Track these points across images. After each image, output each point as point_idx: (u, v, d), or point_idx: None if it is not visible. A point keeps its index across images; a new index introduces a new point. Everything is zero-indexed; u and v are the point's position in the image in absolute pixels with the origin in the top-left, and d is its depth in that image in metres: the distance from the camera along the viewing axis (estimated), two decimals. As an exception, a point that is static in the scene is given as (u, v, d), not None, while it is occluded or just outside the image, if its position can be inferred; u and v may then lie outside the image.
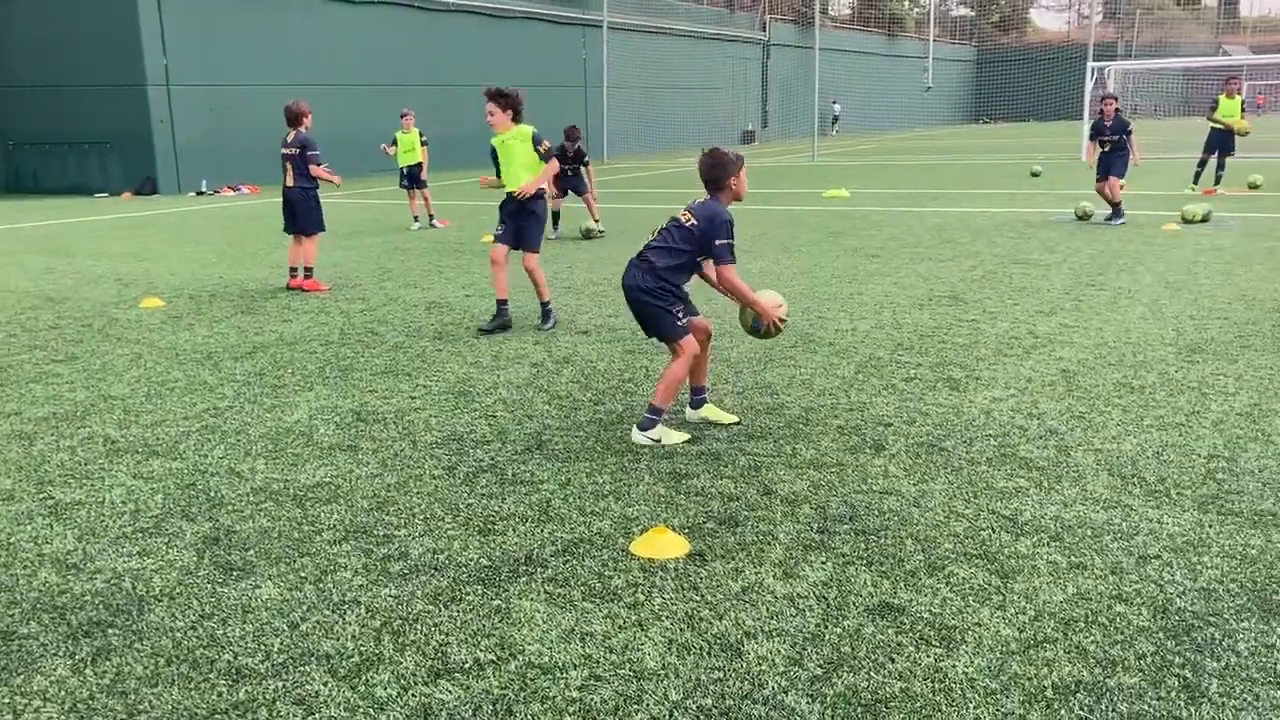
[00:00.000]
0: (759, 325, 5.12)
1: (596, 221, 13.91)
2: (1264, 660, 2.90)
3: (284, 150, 9.87)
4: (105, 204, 22.60)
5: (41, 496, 4.46)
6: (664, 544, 3.74)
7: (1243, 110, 17.58)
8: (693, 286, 5.18)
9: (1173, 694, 2.75)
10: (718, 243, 4.83)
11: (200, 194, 24.26)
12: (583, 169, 14.02)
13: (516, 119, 7.67)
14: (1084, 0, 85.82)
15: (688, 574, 3.56)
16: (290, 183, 9.89)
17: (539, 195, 7.71)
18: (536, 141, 7.65)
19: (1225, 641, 3.00)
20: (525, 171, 7.66)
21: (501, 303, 7.82)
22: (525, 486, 4.45)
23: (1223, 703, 2.70)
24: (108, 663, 3.06)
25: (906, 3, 74.70)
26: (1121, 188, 13.33)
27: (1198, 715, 2.65)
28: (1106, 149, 13.16)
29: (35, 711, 2.83)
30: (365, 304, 9.03)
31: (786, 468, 4.55)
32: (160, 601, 3.45)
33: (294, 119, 9.86)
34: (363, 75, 29.55)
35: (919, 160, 30.78)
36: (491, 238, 8.11)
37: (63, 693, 2.91)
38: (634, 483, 4.44)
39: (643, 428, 4.94)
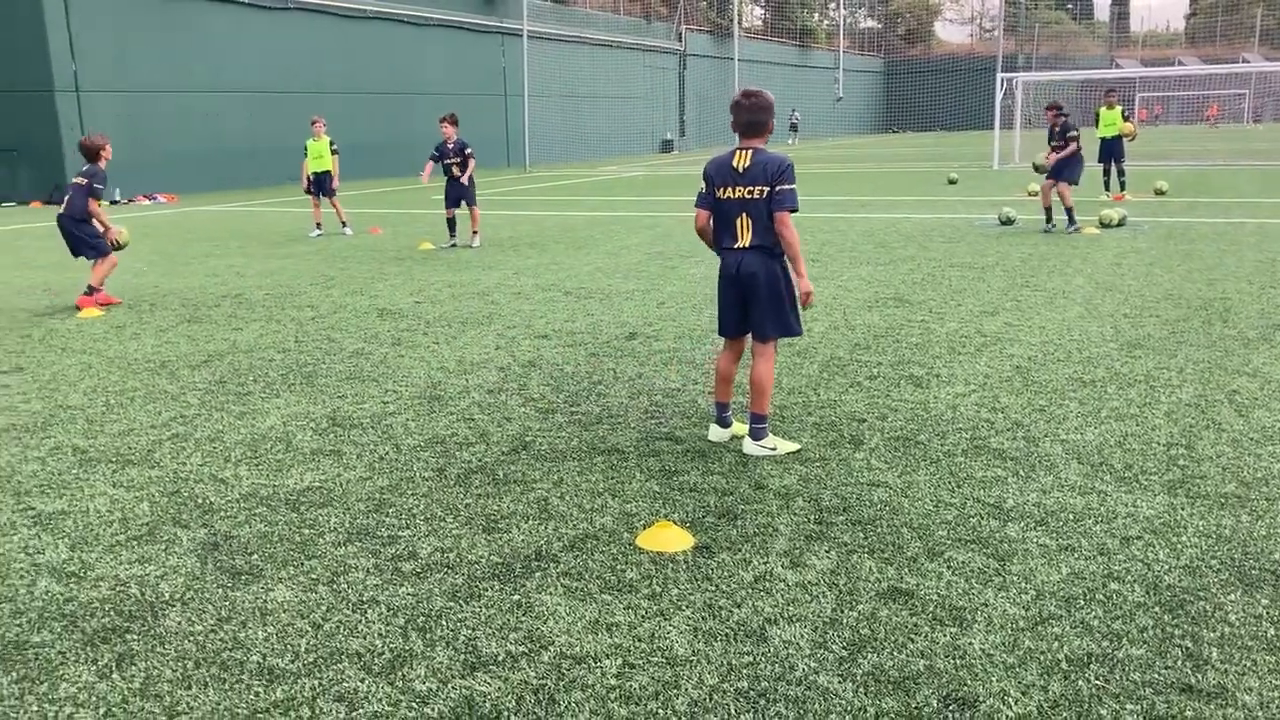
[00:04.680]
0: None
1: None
2: (1254, 629, 3.11)
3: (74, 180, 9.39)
4: (15, 213, 21.79)
5: (21, 507, 4.34)
6: (669, 538, 3.83)
7: (1125, 117, 18.37)
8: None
9: (1178, 663, 2.93)
10: (784, 187, 4.58)
11: (115, 203, 23.53)
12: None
13: None
14: (985, 15, 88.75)
15: (698, 565, 3.65)
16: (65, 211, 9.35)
17: None
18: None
19: (1217, 614, 3.21)
20: None
21: None
22: (519, 486, 4.49)
23: (1225, 669, 2.90)
24: (134, 667, 3.03)
25: (817, 15, 76.22)
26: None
27: (1205, 681, 2.84)
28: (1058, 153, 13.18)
29: (69, 717, 2.78)
30: (315, 311, 8.92)
31: (773, 463, 4.68)
32: (173, 606, 3.41)
33: (91, 153, 9.30)
34: (280, 82, 29.03)
35: (837, 169, 31.45)
36: (430, 245, 8.06)
37: (94, 698, 2.87)
38: (626, 480, 4.52)
39: (755, 438, 4.77)
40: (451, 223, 13.58)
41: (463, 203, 13.43)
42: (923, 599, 3.35)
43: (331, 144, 15.44)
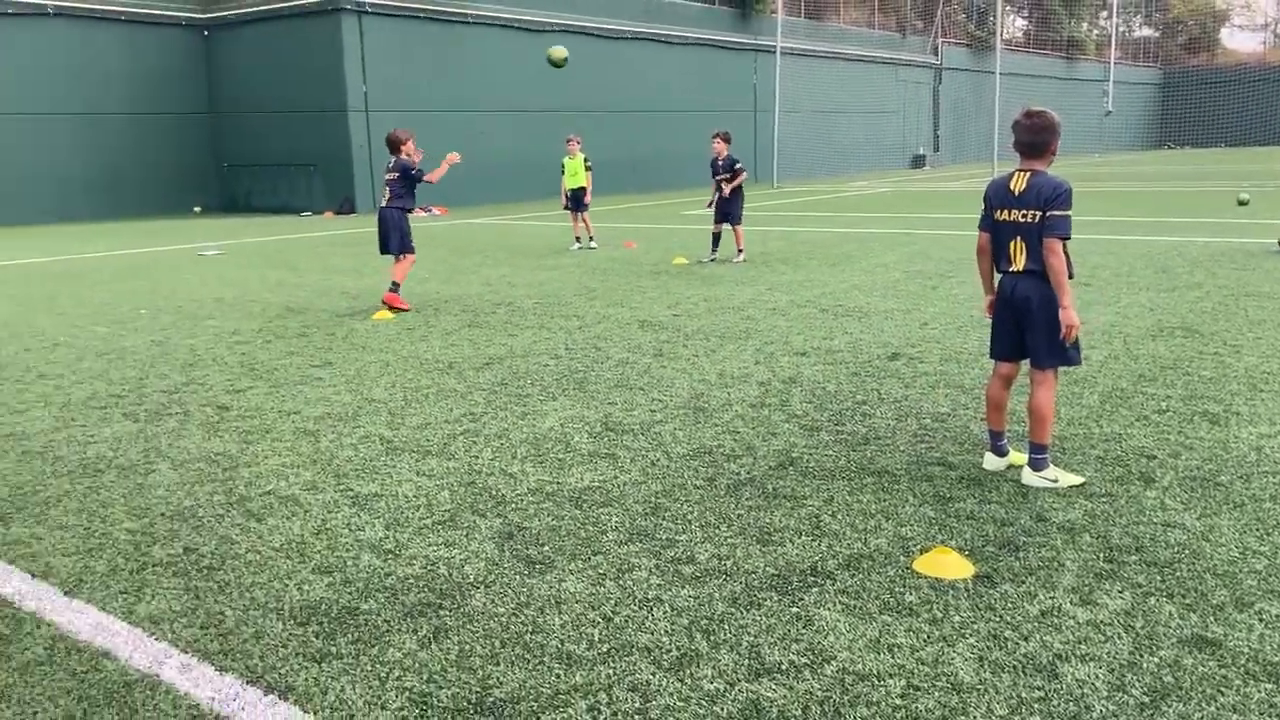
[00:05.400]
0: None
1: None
2: None
3: (386, 175, 10.28)
4: (311, 222, 24.08)
5: (341, 488, 4.84)
6: (949, 564, 3.78)
7: None
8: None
9: None
10: (1057, 213, 4.43)
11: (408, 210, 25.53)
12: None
13: None
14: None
15: (980, 595, 3.58)
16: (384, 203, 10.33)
17: None
18: None
19: None
20: None
21: None
22: (789, 501, 4.55)
23: None
24: (448, 640, 3.32)
25: (1085, 24, 71.97)
26: None
27: None
28: None
29: (397, 680, 3.10)
30: (580, 320, 9.36)
31: (1055, 496, 4.51)
32: (478, 588, 3.71)
33: (393, 146, 10.20)
34: (540, 100, 30.57)
35: (1108, 187, 29.58)
36: (683, 260, 8.27)
37: (416, 664, 3.18)
38: (899, 503, 4.49)
39: (1035, 468, 4.62)
40: (716, 237, 13.88)
41: (729, 220, 13.72)
42: (1232, 651, 3.15)
43: (586, 161, 16.12)
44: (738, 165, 13.68)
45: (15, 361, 8.07)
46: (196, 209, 28.26)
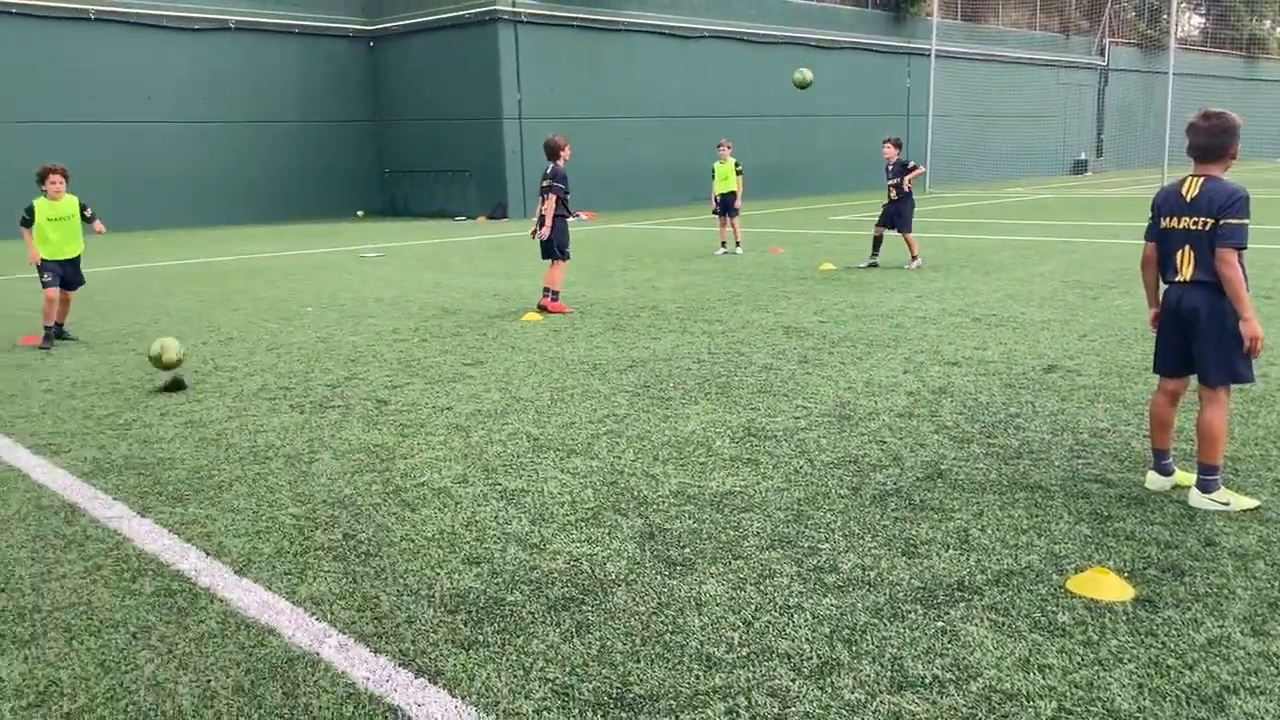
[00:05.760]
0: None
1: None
2: None
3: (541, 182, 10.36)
4: (465, 226, 24.86)
5: (490, 482, 4.99)
6: (1106, 585, 3.62)
7: None
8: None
9: None
10: (1231, 221, 4.19)
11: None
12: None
13: None
14: None
15: (1140, 619, 3.42)
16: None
17: None
18: None
19: None
20: None
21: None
22: (937, 513, 4.45)
23: None
24: (590, 635, 3.39)
25: (1269, 21, 67.47)
26: None
27: None
28: None
29: (541, 671, 3.17)
30: (724, 325, 9.37)
31: (1225, 519, 4.26)
32: (619, 586, 3.77)
33: (551, 152, 10.29)
34: (691, 106, 30.72)
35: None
36: (830, 266, 8.16)
37: (560, 657, 3.25)
38: (1053, 520, 4.33)
39: (1204, 490, 4.40)
40: (878, 241, 13.69)
41: (896, 226, 13.55)
42: None
43: (737, 165, 16.11)
44: (910, 164, 13.56)
45: (195, 354, 8.62)
46: (359, 213, 29.56)
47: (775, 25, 33.09)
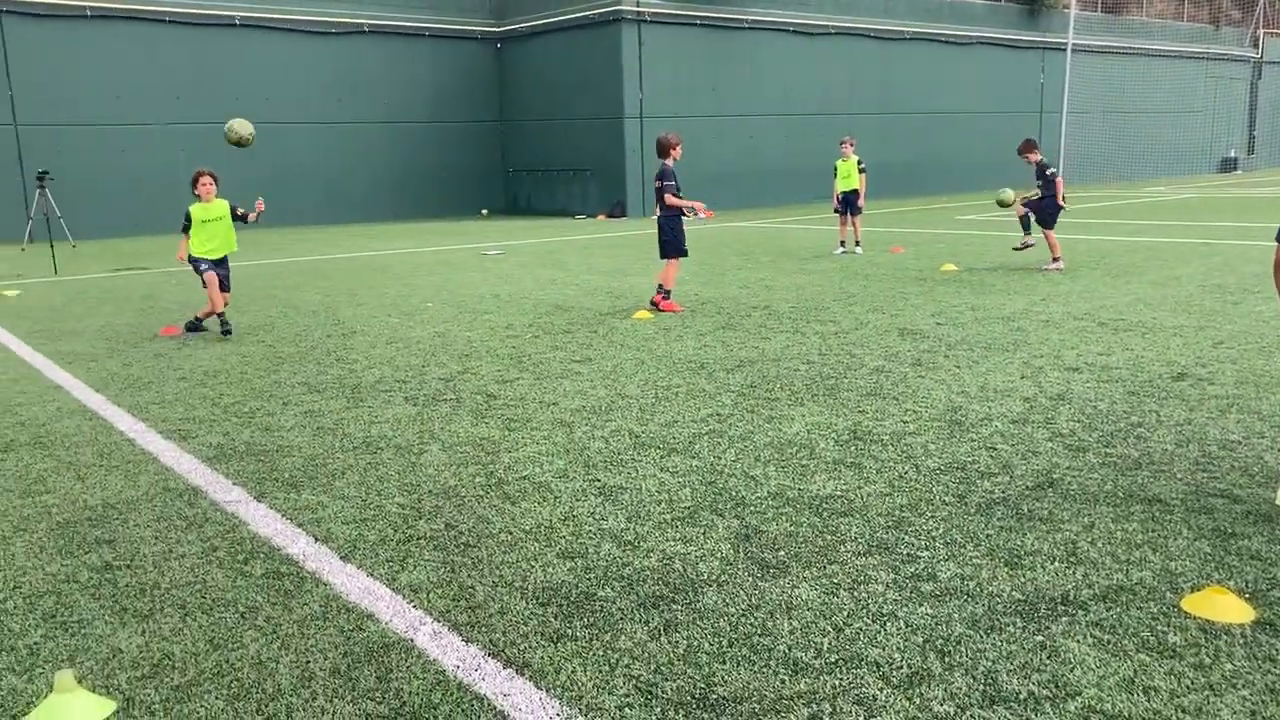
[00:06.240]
0: None
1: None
2: None
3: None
4: (584, 224, 25.16)
5: (590, 478, 5.04)
6: (1224, 606, 3.43)
7: None
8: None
9: None
10: None
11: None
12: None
13: None
14: None
15: (1259, 643, 3.23)
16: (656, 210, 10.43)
17: None
18: None
19: None
20: None
21: None
22: (1045, 524, 4.29)
23: None
24: (678, 634, 3.39)
25: None
26: None
27: None
28: None
29: (626, 668, 3.19)
30: (837, 326, 9.23)
31: (1363, 540, 3.98)
32: (710, 586, 3.76)
33: (662, 150, 10.30)
34: (814, 104, 30.37)
35: None
36: (953, 266, 7.93)
37: (646, 654, 3.26)
38: (1170, 535, 4.12)
39: None
40: (1025, 220, 13.31)
41: (1040, 223, 13.18)
42: None
43: (860, 163, 15.84)
44: (1049, 171, 13.05)
45: (319, 346, 8.97)
46: (484, 211, 30.24)
47: (902, 21, 32.41)
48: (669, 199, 10.41)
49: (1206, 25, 44.71)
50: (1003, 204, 12.61)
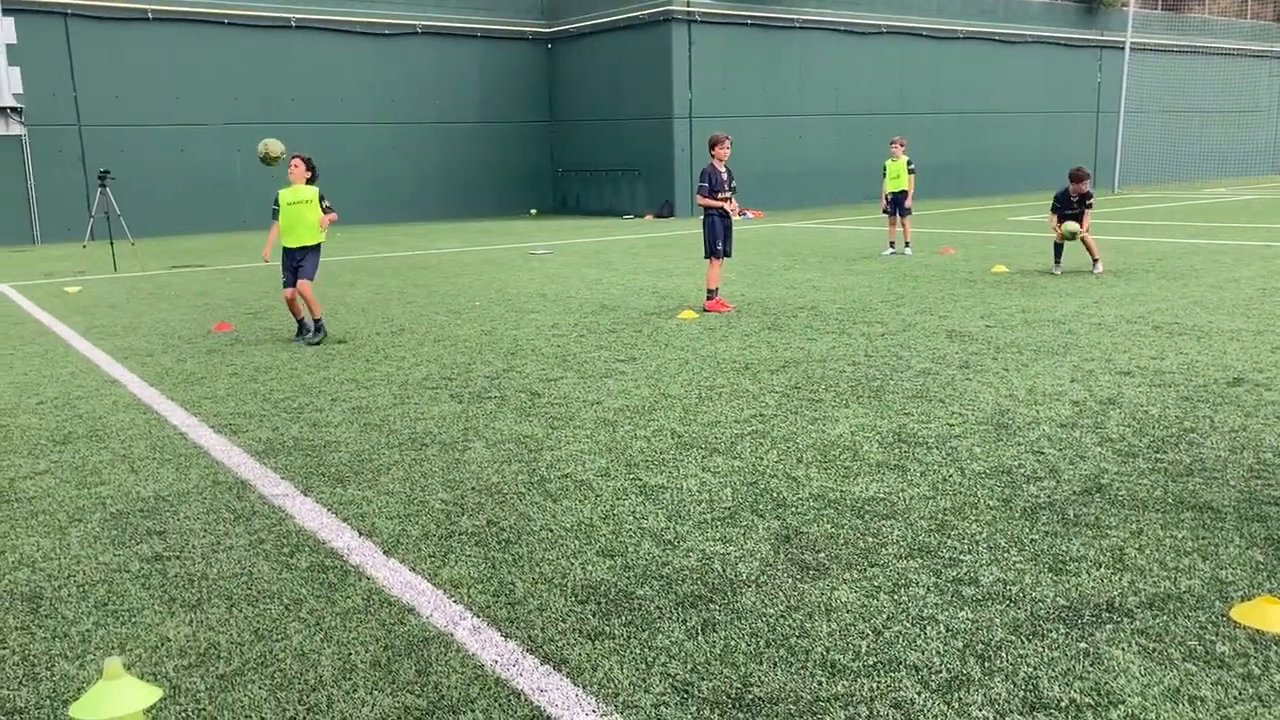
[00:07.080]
0: None
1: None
2: None
3: None
4: (632, 224, 25.21)
5: (631, 477, 5.06)
6: (1276, 616, 3.35)
7: None
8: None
9: None
10: None
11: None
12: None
13: None
14: None
15: (1311, 654, 3.15)
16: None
17: None
18: None
19: None
20: None
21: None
22: (1091, 530, 4.22)
23: None
24: (715, 634, 3.39)
25: None
26: None
27: None
28: None
29: (663, 666, 3.20)
30: (884, 328, 9.15)
31: None
32: (749, 587, 3.75)
33: (709, 148, 10.48)
34: (865, 104, 30.14)
35: None
36: (1003, 268, 7.82)
37: (683, 653, 3.27)
38: (1221, 544, 4.04)
39: None
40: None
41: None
42: None
43: (909, 164, 15.70)
44: (1090, 201, 12.71)
45: (368, 344, 9.08)
46: (532, 210, 30.42)
47: (955, 20, 32.04)
48: (697, 199, 10.51)
49: (1271, 23, 43.63)
50: (1071, 235, 12.41)
